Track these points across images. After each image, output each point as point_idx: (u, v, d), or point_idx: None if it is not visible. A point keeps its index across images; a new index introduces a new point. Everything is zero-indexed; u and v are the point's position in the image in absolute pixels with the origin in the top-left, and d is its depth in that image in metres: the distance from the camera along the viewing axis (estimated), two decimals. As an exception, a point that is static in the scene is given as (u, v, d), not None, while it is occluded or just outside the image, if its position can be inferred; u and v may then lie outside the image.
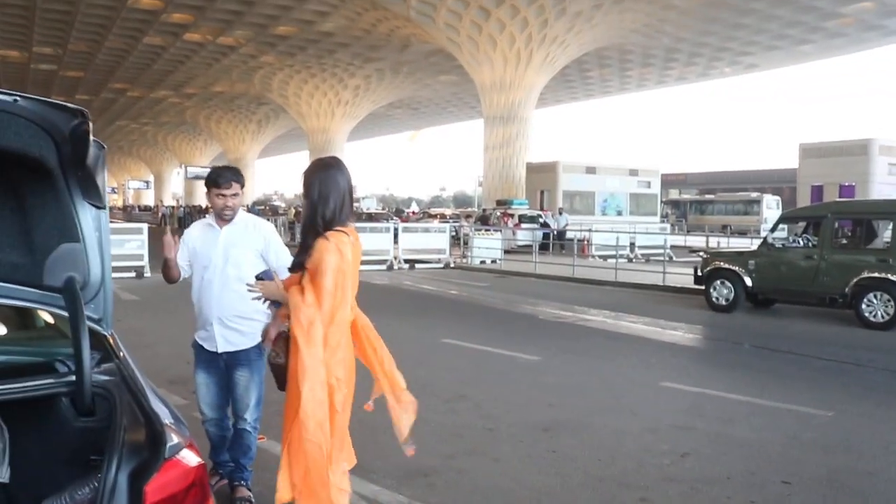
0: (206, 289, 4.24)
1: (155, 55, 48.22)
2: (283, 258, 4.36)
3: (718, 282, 13.34)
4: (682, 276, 16.57)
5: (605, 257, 23.68)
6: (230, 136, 72.97)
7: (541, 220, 29.36)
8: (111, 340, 2.43)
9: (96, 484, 2.05)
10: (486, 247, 23.70)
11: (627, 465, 5.11)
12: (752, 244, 17.10)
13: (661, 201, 43.47)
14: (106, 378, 2.14)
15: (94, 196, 2.25)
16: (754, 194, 46.86)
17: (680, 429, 6.00)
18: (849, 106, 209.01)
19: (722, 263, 13.46)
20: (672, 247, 25.31)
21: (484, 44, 36.32)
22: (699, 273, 13.86)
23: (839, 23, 37.74)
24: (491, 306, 13.96)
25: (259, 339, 4.24)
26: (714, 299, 13.37)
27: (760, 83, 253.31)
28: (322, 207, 3.28)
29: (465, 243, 24.53)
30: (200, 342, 4.31)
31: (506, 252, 24.30)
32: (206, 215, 4.53)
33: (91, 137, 2.05)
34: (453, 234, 25.72)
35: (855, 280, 11.70)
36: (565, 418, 6.29)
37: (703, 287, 13.75)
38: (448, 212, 46.27)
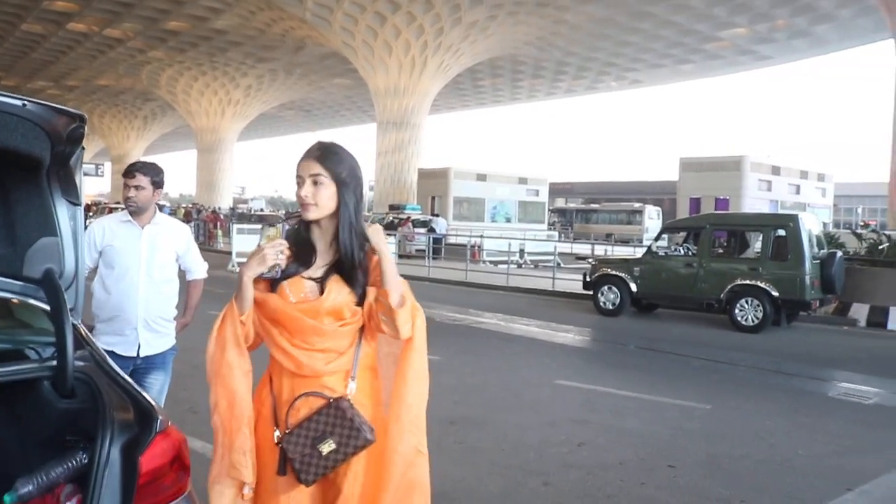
0: (129, 291, 4.00)
1: (34, 43, 46.20)
2: (196, 263, 4.52)
3: (606, 287, 14.05)
4: (571, 282, 17.28)
5: (495, 263, 24.31)
6: (114, 131, 70.55)
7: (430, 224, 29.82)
8: (81, 330, 2.59)
9: (72, 463, 2.22)
10: (381, 250, 23.89)
11: (530, 455, 5.50)
12: (634, 252, 18.02)
13: (549, 209, 44.74)
14: (82, 363, 2.31)
15: (71, 193, 2.41)
16: (637, 205, 48.88)
17: (576, 422, 6.46)
18: (725, 123, 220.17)
19: (609, 270, 14.19)
20: (559, 254, 26.21)
21: (379, 49, 36.59)
22: (588, 279, 14.56)
23: (716, 46, 40.06)
24: (389, 309, 14.20)
25: (174, 340, 4.36)
26: (601, 304, 14.07)
27: (645, 98, 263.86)
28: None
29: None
30: (110, 348, 3.91)
31: (399, 256, 24.60)
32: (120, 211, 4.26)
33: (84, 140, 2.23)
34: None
35: (729, 287, 12.59)
36: (469, 414, 6.65)
37: (591, 292, 14.44)
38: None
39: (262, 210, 54.08)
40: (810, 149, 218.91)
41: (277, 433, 2.27)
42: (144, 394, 2.24)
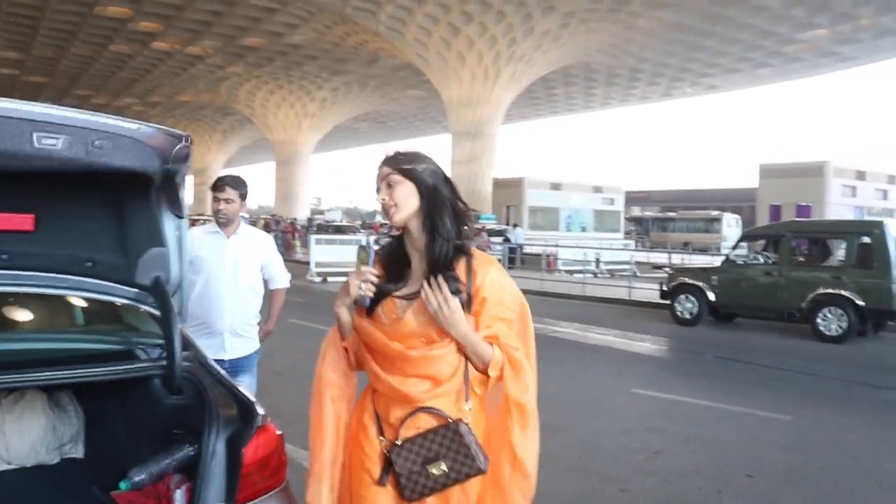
0: (216, 298, 4.22)
1: (121, 63, 48.06)
2: (279, 273, 4.69)
3: (683, 296, 13.89)
4: (647, 291, 17.10)
5: (571, 272, 24.21)
6: (195, 145, 71.19)
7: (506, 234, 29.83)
8: (185, 333, 2.78)
9: (180, 455, 2.40)
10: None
11: (606, 462, 5.53)
12: (713, 262, 17.74)
13: (625, 218, 44.26)
14: (188, 363, 2.50)
15: (176, 207, 2.61)
16: (714, 212, 47.92)
17: (652, 430, 6.45)
18: (806, 127, 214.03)
19: (686, 279, 14.03)
20: (636, 262, 25.96)
21: (452, 60, 36.85)
22: (665, 288, 14.41)
23: (797, 48, 39.01)
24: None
25: (259, 344, 4.55)
26: (679, 313, 13.91)
27: (723, 104, 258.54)
28: (464, 212, 2.30)
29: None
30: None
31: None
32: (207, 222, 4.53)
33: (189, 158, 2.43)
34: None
35: (811, 296, 12.31)
36: (546, 421, 6.64)
37: (668, 301, 14.29)
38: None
39: (336, 221, 55.01)
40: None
41: (384, 441, 2.18)
42: (246, 392, 2.41)
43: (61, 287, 2.56)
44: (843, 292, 12.03)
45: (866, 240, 12.17)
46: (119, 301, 2.67)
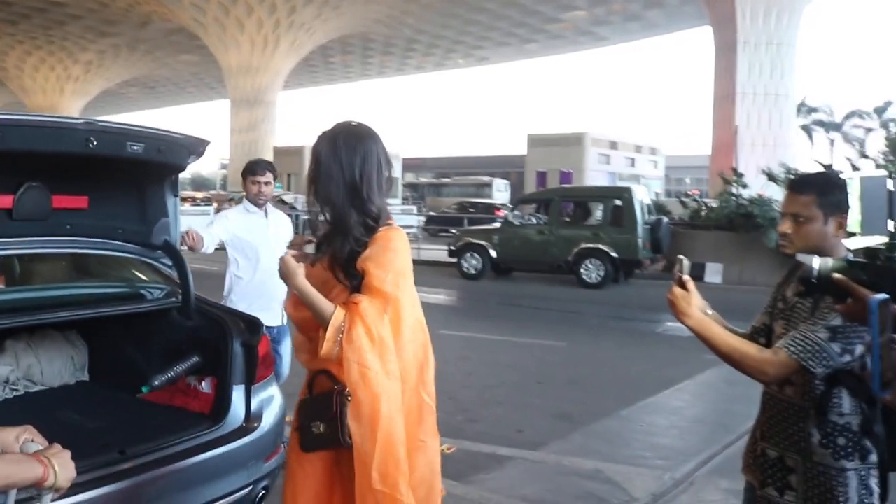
0: (269, 272, 4.38)
1: None
2: None
3: (469, 254, 15.68)
4: (432, 252, 18.80)
5: (360, 236, 25.50)
6: (-66, 109, 65.75)
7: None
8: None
9: (189, 364, 3.39)
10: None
11: (431, 383, 6.94)
12: (491, 224, 19.77)
13: (402, 184, 46.11)
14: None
15: (175, 188, 3.59)
16: (486, 178, 50.99)
17: (462, 359, 7.96)
18: (569, 100, 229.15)
19: (471, 239, 15.84)
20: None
21: (231, 27, 36.59)
22: (452, 248, 16.13)
23: (559, 27, 42.62)
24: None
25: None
26: (465, 269, 15.68)
27: (493, 76, 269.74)
28: (369, 193, 2.29)
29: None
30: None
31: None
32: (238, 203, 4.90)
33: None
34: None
35: (575, 250, 14.51)
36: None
37: (455, 259, 16.03)
38: (199, 195, 45.28)
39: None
40: (645, 124, 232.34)
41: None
42: (244, 313, 3.46)
43: (103, 249, 3.48)
44: (600, 246, 14.31)
45: (618, 202, 14.53)
46: (140, 258, 3.60)
